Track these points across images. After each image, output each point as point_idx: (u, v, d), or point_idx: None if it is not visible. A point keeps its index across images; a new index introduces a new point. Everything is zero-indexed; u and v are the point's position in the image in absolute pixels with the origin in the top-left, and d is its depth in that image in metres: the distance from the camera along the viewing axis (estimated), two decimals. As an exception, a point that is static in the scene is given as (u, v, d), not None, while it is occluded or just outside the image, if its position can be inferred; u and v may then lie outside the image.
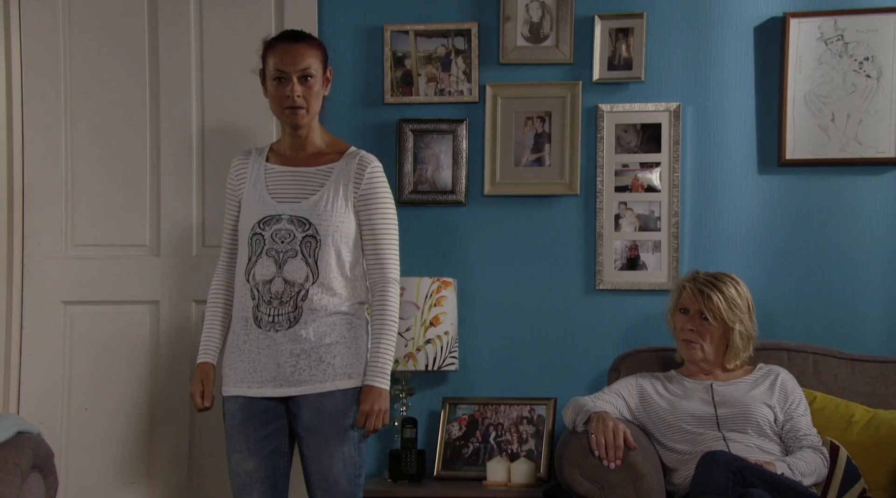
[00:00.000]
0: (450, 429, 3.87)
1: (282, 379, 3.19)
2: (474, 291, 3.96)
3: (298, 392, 3.19)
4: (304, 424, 3.19)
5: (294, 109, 3.21)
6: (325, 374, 3.18)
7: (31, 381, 4.02)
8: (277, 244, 3.19)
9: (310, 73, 3.22)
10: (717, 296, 3.43)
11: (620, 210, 3.91)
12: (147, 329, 4.01)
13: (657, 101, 3.90)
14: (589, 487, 3.24)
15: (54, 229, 4.04)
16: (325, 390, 3.18)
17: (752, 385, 3.46)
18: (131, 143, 4.04)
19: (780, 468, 3.18)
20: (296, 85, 3.20)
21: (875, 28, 3.79)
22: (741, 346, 3.47)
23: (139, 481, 4.00)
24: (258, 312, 3.20)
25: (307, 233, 3.19)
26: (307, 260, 3.19)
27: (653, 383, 3.51)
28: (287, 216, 3.21)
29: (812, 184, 3.85)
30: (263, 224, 3.22)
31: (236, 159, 3.38)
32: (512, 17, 3.95)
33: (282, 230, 3.20)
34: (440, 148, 3.98)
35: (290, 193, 3.24)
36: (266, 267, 3.19)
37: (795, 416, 3.39)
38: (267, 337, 3.19)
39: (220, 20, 4.02)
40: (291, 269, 3.18)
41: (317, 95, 3.24)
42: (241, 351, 3.23)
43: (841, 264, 3.83)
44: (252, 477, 3.22)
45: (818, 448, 3.33)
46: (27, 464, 3.15)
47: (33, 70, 4.04)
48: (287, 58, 3.21)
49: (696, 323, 3.47)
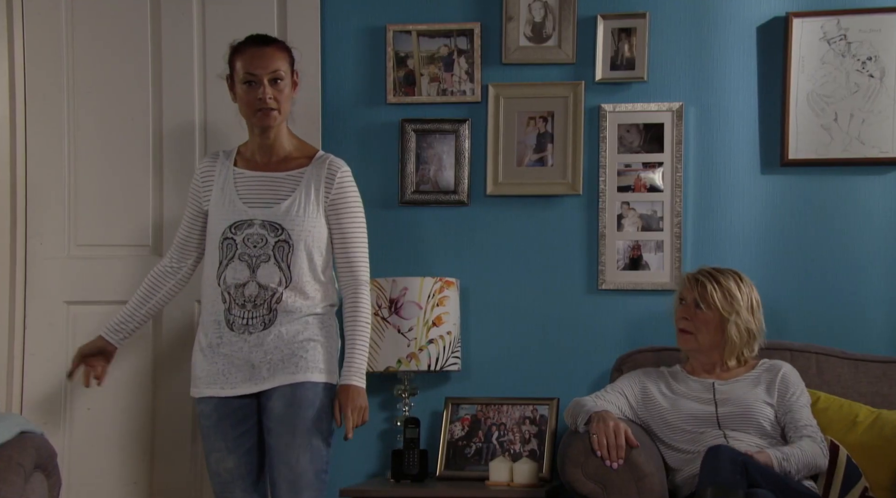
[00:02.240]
0: (452, 429, 3.87)
1: (256, 377, 3.23)
2: (477, 291, 3.96)
3: (271, 385, 3.22)
4: (275, 415, 3.22)
5: (266, 111, 3.25)
6: (297, 366, 3.22)
7: (34, 381, 4.02)
8: (250, 249, 3.24)
9: (279, 76, 3.27)
10: (712, 285, 3.43)
11: (623, 210, 3.90)
12: (149, 329, 4.00)
13: (660, 100, 3.90)
14: (591, 487, 3.24)
15: (57, 229, 4.04)
16: (297, 381, 3.21)
17: (753, 383, 3.44)
18: (134, 142, 4.04)
19: (772, 456, 3.16)
20: (267, 87, 3.25)
21: (878, 28, 3.78)
22: (738, 341, 3.44)
23: (141, 481, 4.00)
24: (230, 315, 3.25)
25: (280, 238, 3.23)
26: (280, 264, 3.23)
27: (656, 382, 3.51)
28: (259, 221, 3.25)
29: (815, 184, 3.85)
30: (235, 228, 3.26)
31: (203, 162, 3.43)
32: (514, 16, 3.95)
33: (254, 235, 3.24)
34: (443, 148, 3.98)
35: (260, 198, 3.28)
36: (239, 271, 3.24)
37: (795, 407, 3.37)
38: (241, 339, 3.24)
39: (222, 20, 4.02)
40: (265, 273, 3.23)
41: (287, 98, 3.30)
42: (215, 353, 3.27)
43: (844, 264, 3.83)
44: (233, 474, 3.26)
45: (817, 439, 3.31)
46: (30, 464, 3.15)
47: (36, 69, 4.05)
48: (256, 61, 3.26)
49: (691, 312, 3.46)
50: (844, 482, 3.32)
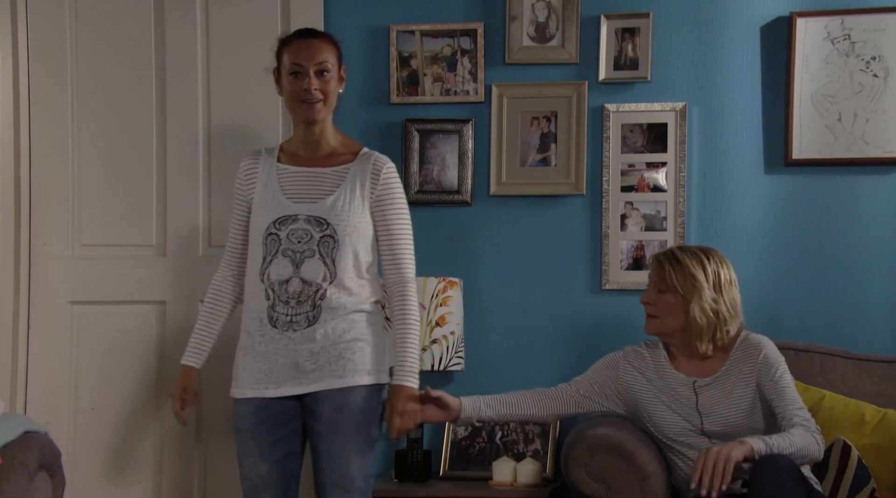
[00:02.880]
0: (456, 429, 3.87)
1: (301, 377, 3.17)
2: (480, 290, 3.96)
3: (318, 388, 3.17)
4: (324, 420, 3.17)
5: (311, 103, 3.21)
6: (345, 369, 3.17)
7: (38, 381, 4.03)
8: (294, 244, 3.18)
9: (326, 68, 3.23)
10: (670, 266, 3.29)
11: (626, 210, 3.90)
12: (153, 329, 4.01)
13: (663, 100, 3.90)
14: (595, 487, 3.24)
15: (61, 230, 4.04)
16: (345, 386, 3.17)
17: (734, 380, 3.27)
18: (138, 143, 4.04)
19: (756, 445, 3.00)
20: (312, 78, 3.21)
21: (882, 27, 3.78)
22: (704, 323, 3.25)
23: (146, 481, 4.01)
24: (273, 312, 3.19)
25: (325, 233, 3.18)
26: (325, 260, 3.18)
27: (635, 376, 3.38)
28: (304, 216, 3.20)
29: (819, 184, 3.85)
30: (279, 224, 3.21)
31: (245, 160, 3.36)
32: (518, 16, 3.95)
33: (298, 230, 3.19)
34: (446, 148, 3.98)
35: (305, 193, 3.23)
36: (282, 267, 3.18)
37: (779, 387, 3.20)
38: (284, 337, 3.17)
39: (226, 20, 4.02)
40: (309, 268, 3.17)
41: (332, 91, 3.25)
42: (257, 352, 3.21)
43: (848, 264, 3.82)
44: (264, 481, 3.20)
45: (811, 428, 3.13)
46: (34, 463, 3.15)
47: (40, 70, 4.05)
48: (304, 52, 3.23)
49: (653, 296, 3.34)
50: (854, 483, 3.30)
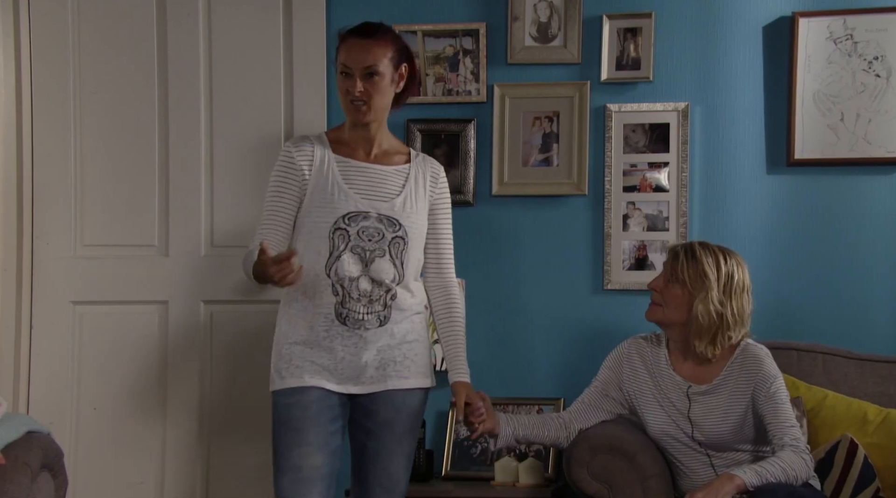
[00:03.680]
0: (458, 429, 3.87)
1: (363, 377, 3.12)
2: (482, 290, 3.96)
3: (380, 387, 3.14)
4: (381, 420, 3.13)
5: (357, 106, 3.12)
6: (409, 370, 3.15)
7: (40, 381, 4.03)
8: (364, 242, 3.11)
9: (375, 71, 3.10)
10: (685, 259, 3.26)
11: (629, 210, 3.90)
12: (155, 329, 4.01)
13: (665, 100, 3.90)
14: (597, 487, 3.24)
15: (63, 230, 4.04)
16: (408, 387, 3.15)
17: (729, 393, 3.23)
18: (140, 143, 4.04)
19: (747, 478, 2.98)
20: (358, 81, 3.10)
21: (884, 27, 3.78)
22: (705, 323, 3.20)
23: (149, 481, 4.01)
24: (343, 308, 3.10)
25: (397, 234, 3.14)
26: (394, 261, 3.13)
27: (637, 369, 3.36)
28: (375, 214, 3.13)
29: (821, 184, 3.84)
30: (349, 220, 3.12)
31: (296, 146, 3.18)
32: (520, 17, 3.95)
33: (370, 228, 3.12)
34: (448, 148, 3.98)
35: (374, 191, 3.16)
36: (352, 264, 3.10)
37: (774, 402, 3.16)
38: (354, 335, 3.11)
39: (229, 21, 4.02)
40: (378, 268, 3.11)
41: (382, 92, 3.12)
42: (321, 346, 3.11)
43: (850, 264, 3.82)
44: (317, 473, 3.08)
45: (799, 449, 3.08)
46: (37, 464, 3.15)
47: (42, 70, 4.05)
48: (354, 53, 3.11)
49: (661, 284, 3.31)
50: (858, 482, 3.29)
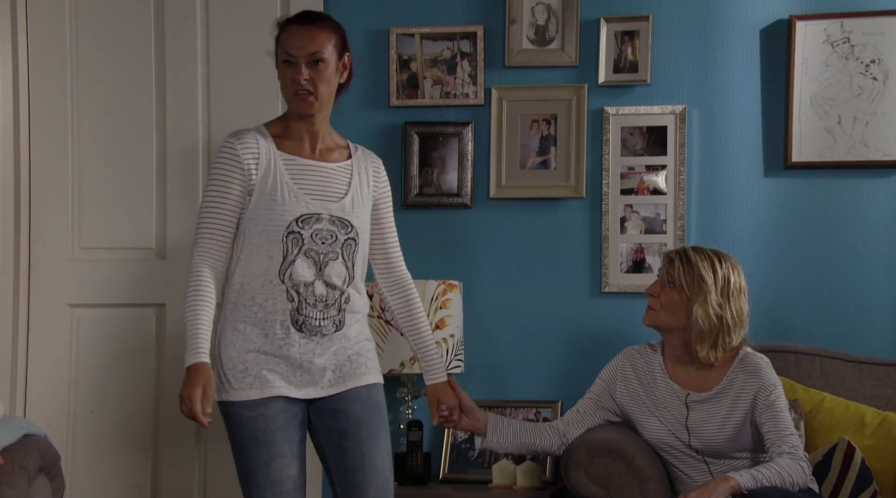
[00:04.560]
0: (456, 432, 3.87)
1: (321, 381, 3.05)
2: (480, 293, 3.97)
3: (340, 389, 3.06)
4: (353, 417, 3.05)
5: (302, 96, 3.01)
6: (365, 367, 3.09)
7: (38, 383, 4.03)
8: (318, 245, 3.01)
9: (320, 58, 2.98)
10: (681, 264, 3.25)
11: (626, 213, 3.90)
12: (153, 332, 4.02)
13: (663, 103, 3.90)
14: (594, 490, 3.24)
15: (60, 232, 4.04)
16: (370, 383, 3.09)
17: (729, 402, 3.22)
18: (137, 145, 4.05)
19: (743, 481, 2.98)
20: (304, 69, 2.99)
21: (882, 30, 3.79)
22: (705, 327, 3.19)
23: (145, 484, 4.01)
24: (299, 315, 3.02)
25: (349, 235, 3.05)
26: (346, 263, 3.05)
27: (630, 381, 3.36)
28: (328, 216, 3.03)
29: (818, 186, 3.85)
30: (302, 222, 3.01)
31: (239, 139, 3.02)
32: (517, 19, 3.95)
33: (323, 231, 3.02)
34: (446, 151, 3.99)
35: (322, 191, 3.05)
36: (306, 269, 3.01)
37: (773, 410, 3.15)
38: (311, 341, 3.02)
39: (226, 23, 4.02)
40: (332, 271, 3.02)
41: (327, 80, 3.00)
42: (278, 355, 3.02)
43: (848, 267, 3.83)
44: (295, 483, 3.01)
45: (797, 455, 3.08)
46: (34, 466, 3.14)
47: (40, 73, 4.05)
48: (297, 40, 2.99)
49: (657, 289, 3.30)
50: (856, 485, 3.29)
